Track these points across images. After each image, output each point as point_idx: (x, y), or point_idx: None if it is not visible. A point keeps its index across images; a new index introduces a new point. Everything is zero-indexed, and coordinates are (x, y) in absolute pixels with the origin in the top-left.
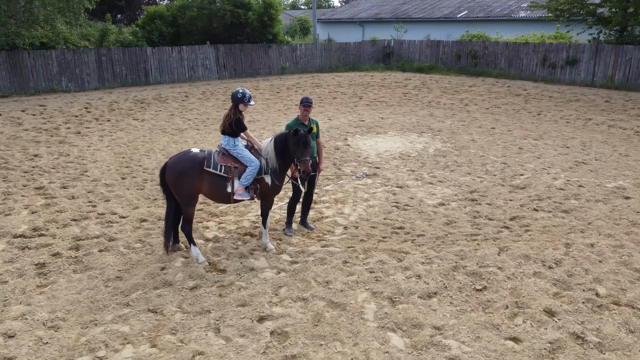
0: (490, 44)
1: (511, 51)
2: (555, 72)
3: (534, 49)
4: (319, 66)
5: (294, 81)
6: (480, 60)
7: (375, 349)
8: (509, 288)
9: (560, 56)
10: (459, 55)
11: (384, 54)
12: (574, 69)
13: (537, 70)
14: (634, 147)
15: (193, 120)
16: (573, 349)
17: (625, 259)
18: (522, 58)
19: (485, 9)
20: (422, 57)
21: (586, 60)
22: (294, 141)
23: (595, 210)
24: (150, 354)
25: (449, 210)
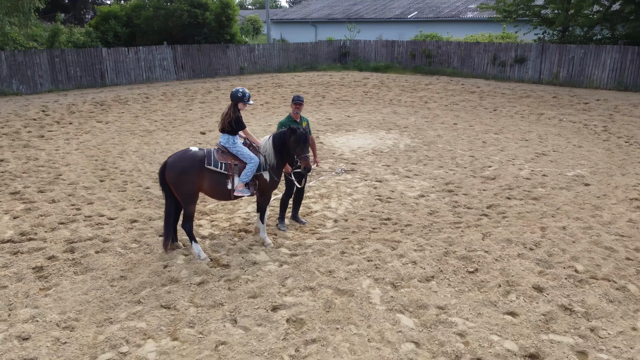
0: (443, 44)
1: (463, 50)
2: (505, 70)
3: (485, 48)
4: (277, 66)
5: (254, 81)
6: (434, 60)
7: (388, 329)
8: (499, 269)
9: (509, 55)
10: (414, 54)
11: (340, 53)
12: (522, 67)
13: (488, 68)
14: (585, 139)
15: (159, 121)
16: (564, 319)
17: (595, 239)
18: (473, 57)
19: (435, 10)
20: (378, 57)
21: (533, 58)
22: (294, 139)
23: (561, 197)
24: (173, 346)
25: (430, 201)
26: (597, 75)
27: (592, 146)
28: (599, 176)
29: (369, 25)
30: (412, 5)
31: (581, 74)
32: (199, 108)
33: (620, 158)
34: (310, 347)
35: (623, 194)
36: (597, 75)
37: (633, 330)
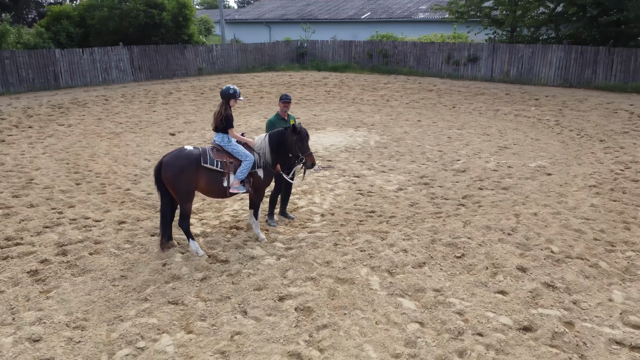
0: (399, 44)
1: (419, 50)
2: (459, 68)
3: (439, 48)
4: (236, 67)
5: (214, 82)
6: (391, 59)
7: (393, 312)
8: (483, 253)
9: (462, 54)
10: (371, 54)
11: (298, 53)
12: (475, 66)
13: (443, 67)
14: (541, 132)
15: (124, 123)
16: (549, 294)
17: (564, 222)
18: (429, 56)
19: (387, 11)
20: (336, 57)
21: (485, 57)
22: (298, 137)
23: (528, 186)
24: (190, 339)
25: (409, 194)
26: (545, 73)
27: (548, 139)
28: (558, 166)
29: (324, 26)
30: (365, 6)
31: (530, 72)
32: (162, 109)
33: (574, 149)
34: (323, 332)
35: (582, 181)
36: (545, 73)
37: (609, 301)
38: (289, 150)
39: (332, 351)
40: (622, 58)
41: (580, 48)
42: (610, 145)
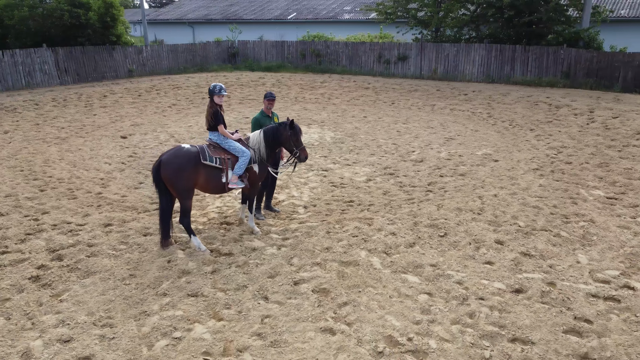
0: (331, 44)
1: (351, 50)
2: (390, 67)
3: (370, 47)
4: (167, 68)
5: (148, 84)
6: (324, 59)
7: (401, 286)
8: (463, 231)
9: (392, 53)
10: (304, 54)
11: (229, 54)
12: (405, 64)
13: (375, 66)
14: (478, 124)
15: (68, 128)
16: (528, 261)
17: (522, 201)
18: (360, 56)
19: (313, 12)
20: (269, 57)
21: (414, 56)
22: (293, 132)
23: (481, 172)
24: (222, 325)
25: (379, 184)
26: (469, 70)
27: (485, 130)
28: (502, 153)
29: (250, 26)
30: (291, 7)
31: (455, 69)
32: (103, 113)
33: (511, 138)
34: (344, 308)
35: (526, 165)
36: (469, 70)
37: (577, 263)
38: (284, 145)
39: (359, 324)
40: (536, 55)
41: (499, 47)
42: (540, 134)
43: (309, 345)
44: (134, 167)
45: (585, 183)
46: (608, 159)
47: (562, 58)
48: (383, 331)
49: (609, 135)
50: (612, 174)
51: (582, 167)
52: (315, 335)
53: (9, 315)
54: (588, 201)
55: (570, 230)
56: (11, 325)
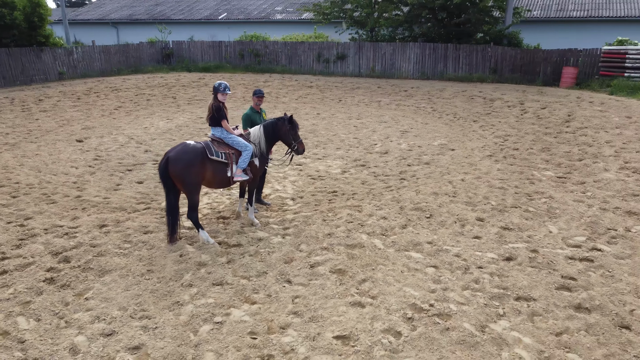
0: (270, 44)
1: (290, 49)
2: (329, 66)
3: (309, 47)
4: (100, 69)
5: (83, 87)
6: (263, 59)
7: (408, 262)
8: (445, 212)
9: (331, 53)
10: (242, 54)
11: (164, 55)
12: (344, 63)
13: (315, 65)
14: (426, 118)
15: (12, 134)
16: (510, 234)
17: (488, 183)
18: (300, 55)
19: (244, 12)
20: (206, 57)
21: (352, 55)
22: (291, 126)
23: (443, 160)
24: (258, 308)
25: (354, 175)
26: (405, 68)
27: (434, 123)
28: (456, 143)
29: (179, 26)
30: (220, 7)
31: (392, 67)
32: (46, 117)
33: (459, 129)
34: (365, 284)
35: (480, 153)
36: (405, 68)
37: (550, 233)
38: (283, 139)
39: (382, 297)
40: (466, 53)
41: (433, 45)
42: (483, 124)
43: (344, 318)
44: (104, 170)
45: (536, 166)
46: (548, 144)
47: (490, 55)
48: (406, 300)
49: (542, 124)
50: (555, 157)
51: (529, 153)
52: (347, 309)
53: (38, 316)
54: (543, 181)
55: (536, 205)
56: (46, 325)
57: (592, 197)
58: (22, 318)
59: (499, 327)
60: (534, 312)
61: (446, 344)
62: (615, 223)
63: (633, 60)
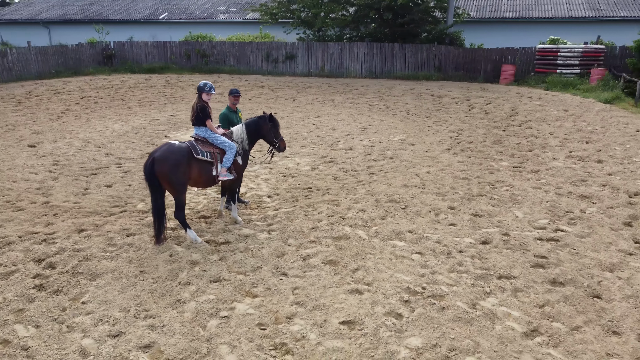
0: (217, 44)
1: (238, 50)
2: (278, 66)
3: (258, 47)
4: (37, 72)
5: (21, 90)
6: (210, 59)
7: (394, 250)
8: (419, 203)
9: (280, 53)
10: (189, 55)
11: (105, 56)
12: (293, 63)
13: (264, 65)
14: (381, 115)
15: None
16: (480, 220)
17: (452, 175)
18: (248, 55)
19: (185, 11)
20: (150, 58)
21: (301, 55)
22: (273, 124)
23: (405, 154)
24: (261, 300)
25: (324, 171)
26: (354, 67)
27: (390, 120)
28: (414, 138)
29: (117, 27)
30: (160, 7)
31: (341, 67)
32: None
33: (414, 125)
34: (358, 273)
35: (439, 147)
36: (354, 67)
37: (517, 217)
38: (264, 137)
39: (377, 283)
40: (412, 52)
41: (379, 45)
42: (436, 120)
43: (346, 304)
44: (67, 175)
45: (492, 157)
46: (499, 137)
47: (434, 54)
48: (399, 285)
49: (490, 118)
50: (507, 148)
51: (484, 145)
52: (347, 296)
53: (36, 323)
54: (501, 171)
55: (499, 193)
56: (47, 331)
57: (547, 184)
58: (19, 326)
59: (488, 304)
60: (516, 289)
61: (445, 322)
62: (571, 206)
63: (564, 58)
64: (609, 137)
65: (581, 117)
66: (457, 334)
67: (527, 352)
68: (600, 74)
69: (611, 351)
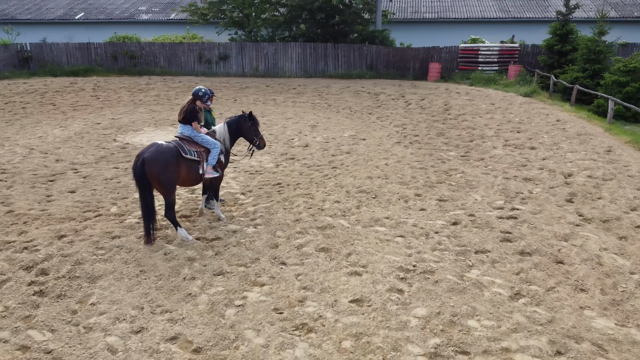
0: (146, 45)
1: (168, 51)
2: (212, 66)
3: (189, 47)
4: None
5: None
6: (139, 60)
7: (378, 235)
8: (387, 192)
9: (213, 53)
10: (116, 56)
11: (21, 58)
12: (227, 63)
13: (196, 66)
14: (325, 112)
15: None
16: (447, 204)
17: (410, 165)
18: (179, 56)
19: (104, 11)
20: (73, 60)
21: (235, 55)
22: (252, 123)
23: (360, 149)
24: (269, 288)
25: (289, 167)
26: (288, 67)
27: (336, 117)
28: (363, 134)
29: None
30: (75, 6)
31: (276, 67)
32: None
33: (360, 121)
34: (352, 257)
35: (389, 140)
36: (288, 67)
37: (476, 200)
38: (245, 135)
39: (372, 265)
40: (344, 52)
41: (313, 45)
42: (379, 116)
43: (350, 285)
44: (20, 183)
45: (439, 148)
46: (441, 130)
47: (366, 54)
48: (392, 265)
49: (428, 113)
50: (451, 140)
51: (429, 138)
52: (348, 278)
53: (50, 327)
54: (451, 160)
55: (456, 180)
56: (66, 333)
57: (493, 169)
58: (33, 331)
59: (473, 275)
60: (493, 260)
61: (441, 293)
62: (519, 188)
63: (484, 55)
64: (535, 126)
65: (507, 110)
66: (455, 302)
67: (517, 311)
68: (517, 70)
69: (583, 305)
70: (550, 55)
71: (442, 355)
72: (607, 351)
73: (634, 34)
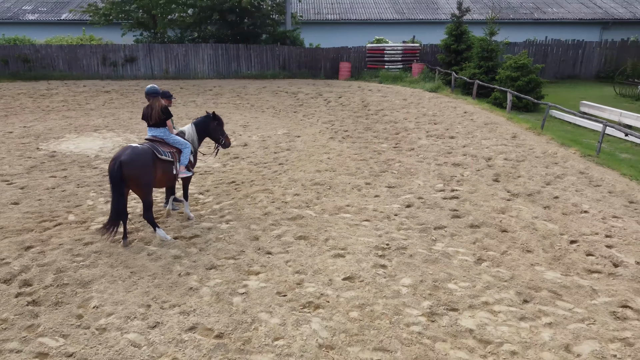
0: (42, 47)
1: (68, 53)
2: (117, 69)
3: (92, 50)
4: None
5: None
6: (34, 64)
7: (346, 221)
8: (339, 183)
9: (119, 55)
10: (6, 60)
11: None
12: (134, 66)
13: (100, 69)
14: (251, 112)
15: None
16: (395, 190)
17: (353, 158)
18: (81, 59)
19: None
20: None
21: (142, 57)
22: (218, 123)
23: (299, 146)
24: (265, 276)
25: (237, 166)
26: (200, 68)
27: (264, 116)
28: (296, 132)
29: None
30: None
31: (187, 68)
32: None
33: (288, 120)
34: (330, 242)
35: (323, 136)
36: (200, 68)
37: (420, 184)
38: (211, 135)
39: (350, 247)
40: (257, 53)
41: (225, 46)
42: (305, 114)
43: (337, 266)
44: None
45: (372, 141)
46: (367, 125)
47: (278, 54)
48: (368, 245)
49: (349, 110)
50: (379, 133)
51: (359, 133)
52: (334, 260)
53: (60, 333)
54: (386, 151)
55: (396, 168)
56: (80, 337)
57: (425, 157)
58: (45, 339)
59: (439, 247)
60: (451, 234)
61: (419, 264)
62: (452, 172)
63: (390, 55)
64: (448, 118)
65: (419, 104)
66: (432, 270)
67: (484, 273)
68: (420, 68)
69: (533, 262)
70: (448, 53)
71: (437, 313)
72: (561, 295)
73: (514, 34)
